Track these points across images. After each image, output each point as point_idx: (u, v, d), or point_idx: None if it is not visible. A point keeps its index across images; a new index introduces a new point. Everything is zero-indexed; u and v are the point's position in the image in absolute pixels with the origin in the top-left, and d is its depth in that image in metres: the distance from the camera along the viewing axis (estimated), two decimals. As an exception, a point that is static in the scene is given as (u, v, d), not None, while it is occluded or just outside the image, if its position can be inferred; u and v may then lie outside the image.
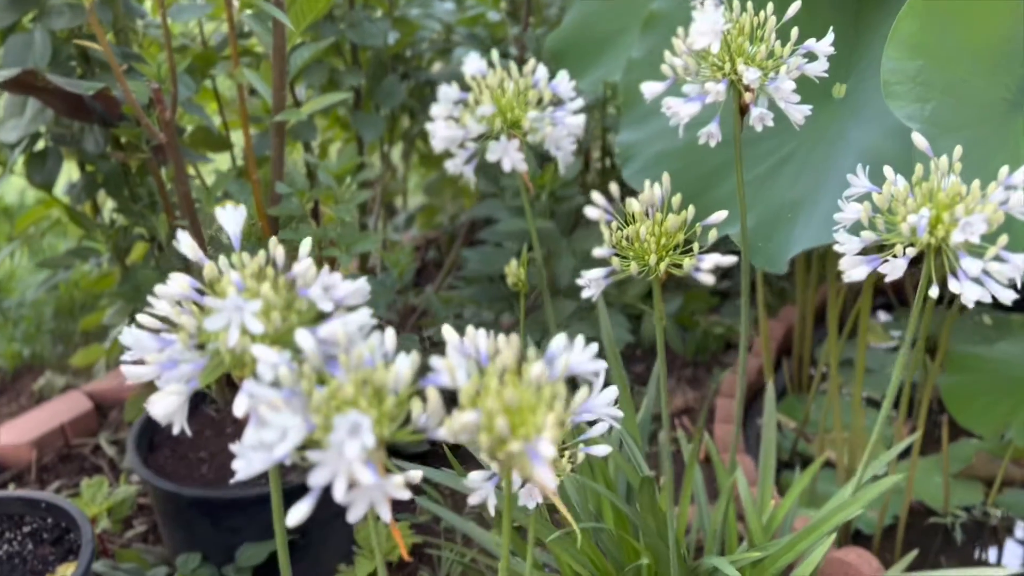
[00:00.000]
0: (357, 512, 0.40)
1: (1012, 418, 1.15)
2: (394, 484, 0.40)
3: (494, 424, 0.40)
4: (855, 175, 0.63)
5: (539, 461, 0.40)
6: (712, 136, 0.66)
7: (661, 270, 0.60)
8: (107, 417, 1.46)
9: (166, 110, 0.89)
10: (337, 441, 0.38)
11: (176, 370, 0.48)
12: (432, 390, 0.43)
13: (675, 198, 0.61)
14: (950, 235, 0.56)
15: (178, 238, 0.50)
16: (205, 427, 1.17)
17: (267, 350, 0.44)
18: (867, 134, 0.79)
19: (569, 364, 0.42)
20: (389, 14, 1.30)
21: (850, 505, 0.73)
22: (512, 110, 0.73)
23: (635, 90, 0.92)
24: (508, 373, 0.42)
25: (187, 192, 0.95)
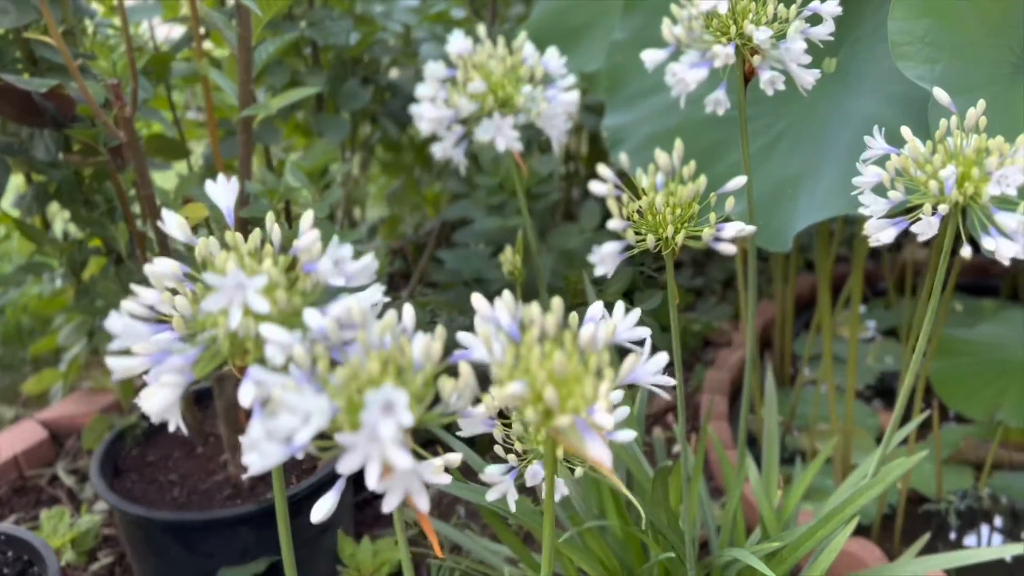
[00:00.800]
0: (393, 501, 0.36)
1: (1002, 398, 1.14)
2: (432, 468, 0.36)
3: (542, 395, 0.36)
4: (872, 137, 0.60)
5: (591, 435, 0.36)
6: (720, 103, 0.63)
7: (679, 242, 0.56)
8: (63, 446, 1.38)
9: (126, 106, 0.84)
10: (370, 420, 0.34)
11: (169, 361, 0.43)
12: (464, 365, 0.39)
13: (688, 167, 0.58)
14: (981, 190, 0.53)
15: (163, 218, 0.45)
16: (173, 448, 1.10)
17: (278, 329, 0.39)
18: (866, 104, 0.77)
19: (615, 330, 0.39)
20: (351, 12, 1.26)
21: (868, 491, 0.70)
22: (504, 87, 0.69)
23: (621, 72, 0.89)
24: (548, 342, 0.38)
25: (151, 195, 0.89)
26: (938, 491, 1.21)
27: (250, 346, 0.42)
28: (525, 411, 0.36)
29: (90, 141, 0.92)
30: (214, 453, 1.08)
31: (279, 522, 0.49)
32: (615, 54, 0.90)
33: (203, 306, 0.40)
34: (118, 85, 0.83)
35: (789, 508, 0.82)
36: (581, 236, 1.22)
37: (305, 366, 0.38)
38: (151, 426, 1.11)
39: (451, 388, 0.38)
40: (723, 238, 0.56)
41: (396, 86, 1.50)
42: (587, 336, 0.36)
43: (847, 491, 0.83)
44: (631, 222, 0.57)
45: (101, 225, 1.01)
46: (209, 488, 1.03)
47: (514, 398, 0.36)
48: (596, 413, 0.35)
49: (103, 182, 1.02)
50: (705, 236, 0.56)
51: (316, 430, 0.35)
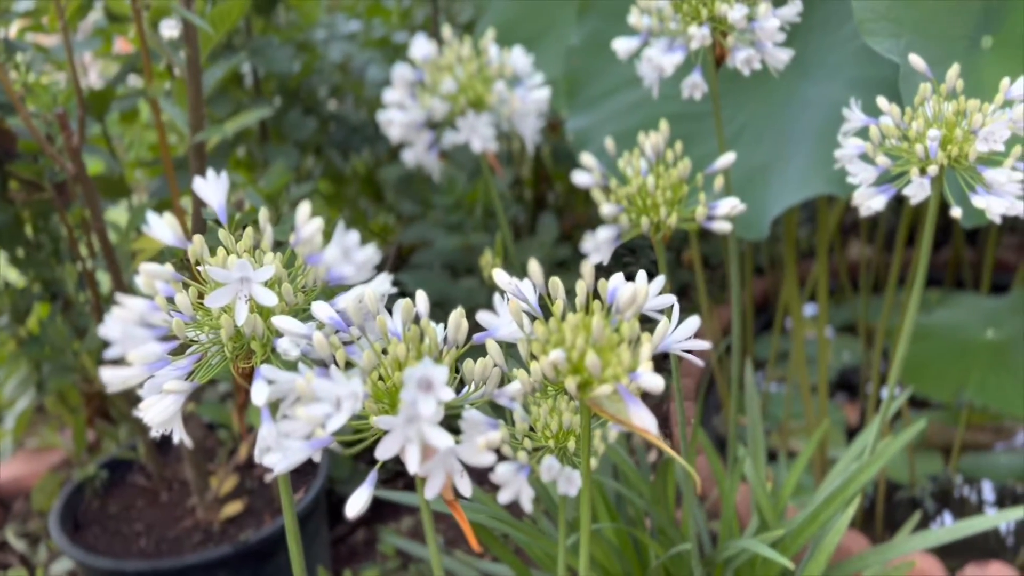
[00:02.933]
0: (435, 486, 0.34)
1: (966, 380, 1.16)
2: (475, 448, 0.34)
3: (581, 365, 0.35)
4: (849, 110, 0.60)
5: (635, 402, 0.35)
6: (697, 86, 0.63)
7: (673, 222, 0.55)
8: (10, 509, 1.31)
9: (73, 136, 0.80)
10: (409, 398, 0.32)
11: (169, 369, 0.40)
12: (492, 343, 0.37)
13: (673, 149, 0.57)
14: (966, 151, 0.54)
15: (149, 221, 0.42)
16: (136, 498, 1.05)
17: (291, 320, 0.37)
18: (827, 89, 0.78)
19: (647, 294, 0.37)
20: (292, 39, 1.24)
21: (868, 468, 0.70)
22: (474, 87, 0.68)
23: (579, 76, 0.89)
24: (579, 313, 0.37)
25: (103, 228, 0.85)
26: (911, 477, 1.22)
27: (256, 347, 0.40)
28: (565, 381, 0.34)
29: (34, 178, 0.88)
30: (180, 499, 1.03)
31: (288, 536, 0.46)
32: (572, 59, 0.90)
33: (207, 303, 0.37)
34: (64, 115, 0.79)
35: (783, 501, 0.81)
36: (541, 249, 1.21)
37: (325, 353, 0.36)
38: (111, 477, 1.05)
39: (479, 369, 0.36)
40: (717, 216, 0.55)
41: (338, 116, 1.48)
42: (626, 297, 0.34)
43: (838, 477, 0.83)
44: (622, 207, 0.56)
45: (47, 266, 0.96)
46: (178, 535, 0.98)
47: (554, 367, 0.34)
48: (642, 377, 0.33)
49: (48, 220, 0.97)
50: (699, 216, 0.56)
51: (348, 416, 0.33)
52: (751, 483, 0.80)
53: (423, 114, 0.67)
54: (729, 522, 0.79)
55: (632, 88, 0.87)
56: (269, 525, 0.95)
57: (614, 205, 0.54)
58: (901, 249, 1.09)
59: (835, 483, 0.80)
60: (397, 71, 0.67)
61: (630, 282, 0.39)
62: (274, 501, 1.01)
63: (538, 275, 0.37)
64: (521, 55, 0.71)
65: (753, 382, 0.92)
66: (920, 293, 0.68)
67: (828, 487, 0.80)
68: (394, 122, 0.68)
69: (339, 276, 0.43)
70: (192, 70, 0.85)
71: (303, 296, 0.42)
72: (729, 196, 0.56)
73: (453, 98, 0.66)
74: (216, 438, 1.09)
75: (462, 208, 1.21)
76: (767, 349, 1.49)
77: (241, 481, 1.04)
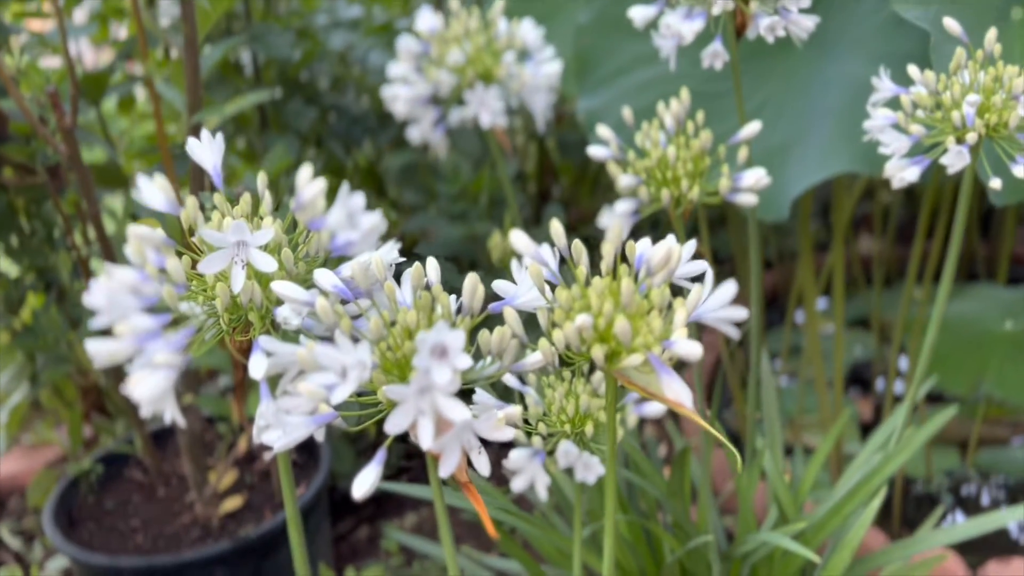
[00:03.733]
0: (450, 463, 0.31)
1: (984, 371, 1.13)
2: (492, 421, 0.31)
3: (608, 332, 0.32)
4: (879, 79, 0.58)
5: (667, 372, 0.32)
6: (718, 56, 0.60)
7: (695, 196, 0.52)
8: (5, 506, 1.28)
9: (65, 116, 0.77)
10: (422, 366, 0.29)
11: (159, 342, 0.37)
12: (510, 311, 0.34)
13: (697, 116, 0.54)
14: (1006, 118, 0.51)
15: (139, 185, 0.39)
16: (132, 493, 1.02)
17: (293, 285, 0.34)
18: (849, 66, 0.75)
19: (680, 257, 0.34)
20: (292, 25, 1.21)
21: (895, 458, 0.67)
22: (482, 60, 0.65)
23: (589, 55, 0.86)
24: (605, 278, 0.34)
25: (98, 214, 0.82)
26: (927, 472, 1.19)
27: (254, 318, 0.37)
28: (592, 350, 0.31)
29: (26, 161, 0.85)
30: (178, 494, 1.00)
31: (290, 525, 0.43)
32: (581, 38, 0.87)
33: (200, 268, 0.34)
34: (56, 93, 0.76)
35: (803, 495, 0.78)
36: (548, 239, 1.18)
37: (330, 321, 0.33)
38: (107, 471, 1.02)
39: (497, 339, 0.33)
40: (742, 188, 0.52)
41: (339, 107, 1.45)
42: (660, 258, 0.31)
43: (859, 470, 0.80)
44: (641, 178, 0.53)
45: (41, 254, 0.93)
46: (176, 531, 0.95)
47: (580, 334, 0.31)
48: (677, 344, 0.30)
49: (41, 207, 0.94)
50: (723, 188, 0.53)
51: (355, 386, 0.30)
52: (770, 476, 0.77)
53: (429, 88, 0.64)
54: (747, 516, 0.76)
55: (645, 66, 0.84)
56: (269, 520, 0.92)
57: (632, 176, 0.51)
58: (922, 240, 1.06)
59: (856, 476, 0.77)
60: (403, 42, 0.64)
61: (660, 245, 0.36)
62: (275, 496, 0.98)
63: (560, 236, 0.34)
64: (531, 28, 0.68)
65: (771, 372, 0.89)
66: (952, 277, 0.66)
67: (850, 479, 0.77)
68: (399, 97, 0.65)
69: (344, 244, 0.40)
70: (190, 49, 0.82)
71: (304, 266, 0.39)
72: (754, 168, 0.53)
73: (461, 70, 0.63)
74: (215, 432, 1.06)
75: (466, 197, 1.18)
76: (777, 343, 1.46)
77: (241, 476, 1.01)
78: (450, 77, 0.62)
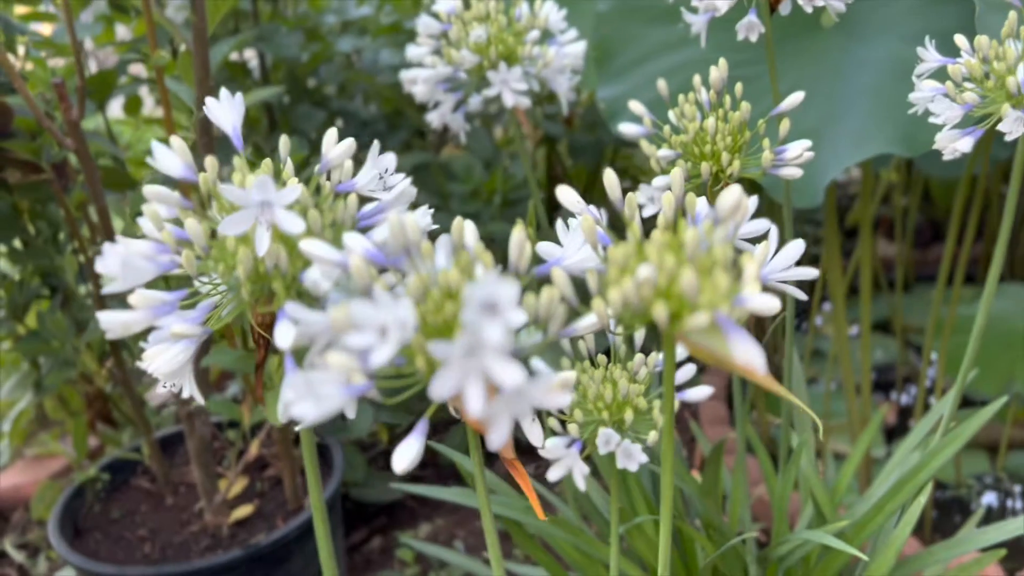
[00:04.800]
0: (501, 433, 0.28)
1: (1015, 371, 1.10)
2: (549, 386, 0.28)
3: (672, 289, 0.29)
4: (925, 48, 0.55)
5: (738, 333, 0.29)
6: (753, 27, 0.57)
7: (736, 169, 0.50)
8: (8, 520, 1.24)
9: (72, 109, 0.75)
10: (471, 322, 0.26)
11: (175, 317, 0.34)
12: (559, 272, 0.31)
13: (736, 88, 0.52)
14: (1065, 84, 0.48)
15: (153, 150, 0.37)
16: (140, 502, 0.99)
17: (324, 245, 0.31)
18: (882, 46, 0.73)
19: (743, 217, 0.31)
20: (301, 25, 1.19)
21: (944, 450, 0.64)
22: (504, 41, 0.63)
23: (609, 44, 0.84)
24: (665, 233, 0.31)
25: (105, 208, 0.80)
26: (957, 477, 1.15)
27: (278, 286, 0.34)
28: (654, 309, 0.29)
29: (31, 157, 0.82)
30: (186, 503, 0.97)
31: (316, 519, 0.40)
32: (601, 26, 0.85)
33: (221, 229, 0.32)
34: (62, 85, 0.74)
35: (839, 495, 0.75)
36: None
37: (365, 282, 0.30)
38: (113, 480, 0.99)
39: (546, 302, 0.31)
40: (786, 161, 0.50)
41: (347, 112, 1.42)
42: (729, 204, 0.28)
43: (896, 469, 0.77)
44: (679, 152, 0.50)
45: (45, 256, 0.91)
46: (184, 540, 0.91)
47: (642, 289, 0.28)
48: (750, 300, 0.27)
49: (46, 207, 0.92)
50: (765, 161, 0.50)
51: (396, 348, 0.27)
52: (805, 476, 0.73)
53: (450, 70, 0.61)
54: (781, 518, 0.73)
55: (667, 53, 0.81)
56: (281, 528, 0.89)
57: (670, 150, 0.49)
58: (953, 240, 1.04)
59: (894, 475, 0.73)
60: (422, 21, 0.62)
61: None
62: (286, 503, 0.95)
63: (615, 188, 0.31)
64: (554, 9, 0.65)
65: (802, 374, 0.86)
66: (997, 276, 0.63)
67: (887, 479, 0.74)
68: (419, 79, 0.62)
69: (373, 213, 0.37)
70: (199, 41, 0.79)
71: (331, 233, 0.36)
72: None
73: (483, 49, 0.61)
74: (224, 439, 1.03)
75: (479, 197, 1.16)
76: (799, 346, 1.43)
77: (251, 483, 0.98)
78: (472, 57, 0.60)
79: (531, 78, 0.64)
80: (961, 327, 1.16)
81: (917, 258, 1.75)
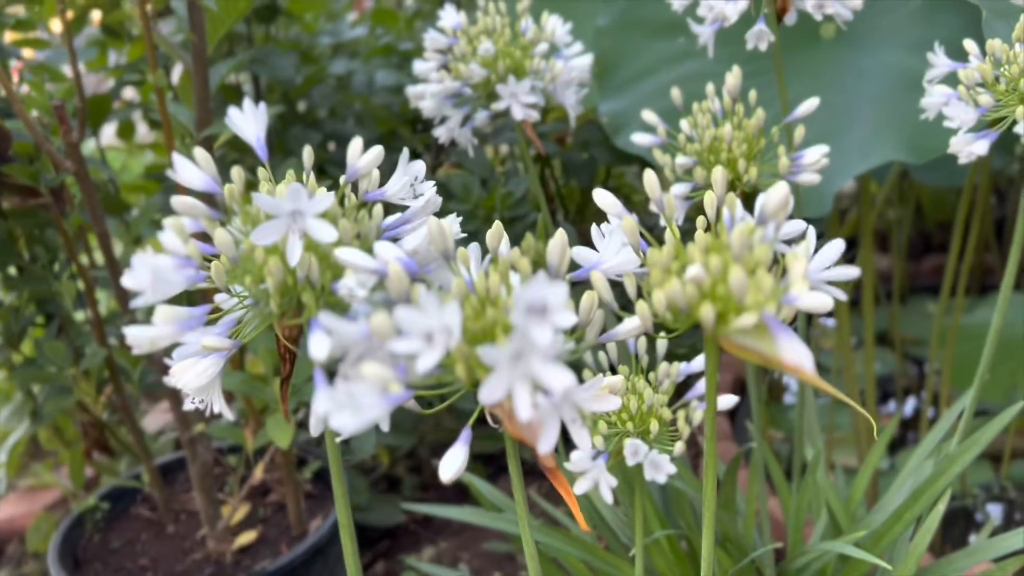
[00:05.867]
0: (550, 438, 0.27)
1: (1018, 379, 1.10)
2: (595, 389, 0.27)
3: (717, 291, 0.28)
4: (933, 55, 0.55)
5: (785, 333, 0.28)
6: (763, 36, 0.57)
7: (753, 176, 0.49)
8: (3, 553, 1.22)
9: (72, 131, 0.74)
10: (520, 324, 0.25)
11: (201, 331, 0.33)
12: (599, 276, 0.31)
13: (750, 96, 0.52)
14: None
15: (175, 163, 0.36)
16: (140, 531, 0.97)
17: (358, 253, 0.31)
18: (885, 56, 0.73)
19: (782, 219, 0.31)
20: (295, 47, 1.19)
21: (961, 456, 0.63)
22: (511, 55, 0.62)
23: (610, 58, 0.84)
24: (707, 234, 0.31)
25: (105, 232, 0.79)
26: (962, 487, 1.15)
27: (308, 298, 0.33)
28: (701, 310, 0.28)
29: (29, 182, 0.81)
30: (188, 531, 0.96)
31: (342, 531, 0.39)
32: (602, 40, 0.85)
33: (252, 238, 0.31)
34: (62, 107, 0.73)
35: (854, 505, 0.75)
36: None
37: (403, 289, 0.29)
38: (113, 509, 0.97)
39: (586, 306, 0.30)
40: (804, 167, 0.49)
41: (340, 135, 1.42)
42: (777, 201, 0.28)
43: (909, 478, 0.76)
44: (697, 159, 0.50)
45: (43, 281, 0.90)
46: (187, 569, 0.90)
47: (690, 290, 0.28)
48: (800, 299, 0.27)
49: (44, 232, 0.90)
50: (782, 167, 0.50)
51: (442, 353, 0.27)
52: (818, 488, 0.73)
53: (458, 85, 0.61)
54: (797, 531, 0.73)
55: (669, 67, 0.82)
56: (286, 555, 0.87)
57: (688, 157, 0.48)
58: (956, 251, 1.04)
59: (908, 484, 0.73)
60: (429, 36, 0.62)
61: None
62: (290, 529, 0.94)
63: (655, 188, 0.30)
64: (559, 22, 0.65)
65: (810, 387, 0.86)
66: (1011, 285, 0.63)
67: (901, 488, 0.73)
68: (427, 94, 0.62)
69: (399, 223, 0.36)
70: (199, 61, 0.79)
71: (358, 243, 0.35)
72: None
73: (490, 63, 0.61)
74: (225, 464, 1.02)
75: (478, 217, 1.15)
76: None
77: (253, 509, 0.96)
78: (481, 71, 0.59)
79: (537, 92, 0.64)
80: (963, 336, 1.16)
81: (911, 270, 1.76)
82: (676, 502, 0.76)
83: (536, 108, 0.61)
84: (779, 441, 1.28)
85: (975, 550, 0.74)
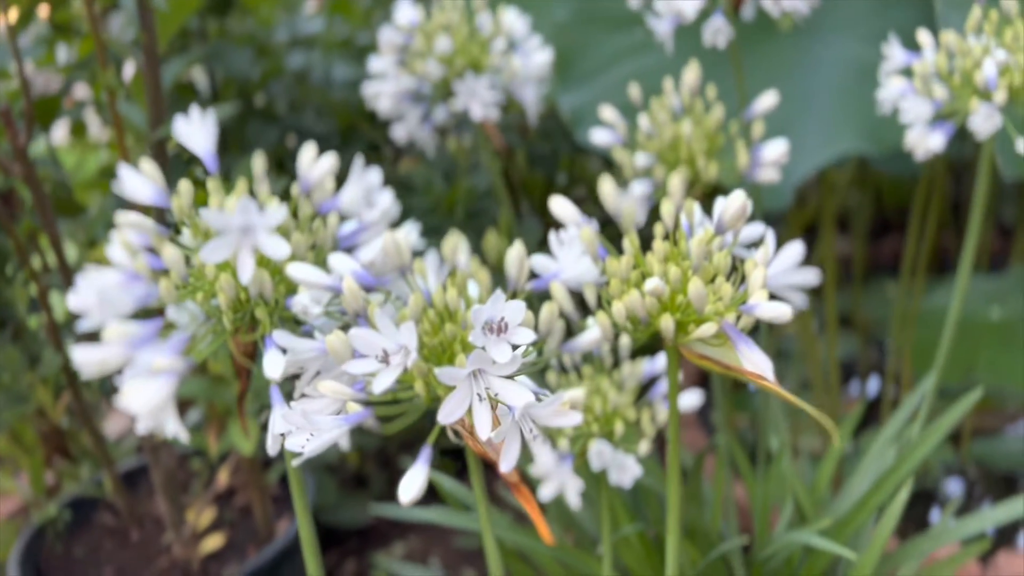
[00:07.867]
0: (511, 455, 0.27)
1: (974, 359, 1.11)
2: (555, 406, 0.27)
3: (675, 301, 0.28)
4: (889, 46, 0.55)
5: (745, 342, 0.28)
6: (720, 31, 0.57)
7: (712, 174, 0.49)
8: (-37, 564, 1.19)
9: (19, 135, 0.72)
10: (479, 342, 0.25)
11: (152, 349, 0.32)
12: (558, 287, 0.30)
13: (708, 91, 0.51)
14: (1031, 77, 0.49)
15: (121, 175, 0.35)
16: (103, 539, 0.95)
17: (311, 269, 0.30)
18: (841, 46, 0.74)
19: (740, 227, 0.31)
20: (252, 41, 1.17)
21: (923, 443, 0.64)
22: (468, 51, 0.62)
23: (570, 51, 0.84)
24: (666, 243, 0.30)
25: (57, 236, 0.77)
26: (924, 466, 1.17)
27: (261, 314, 0.33)
28: (660, 321, 0.28)
29: (-24, 186, 0.79)
30: (153, 536, 0.94)
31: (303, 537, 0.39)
32: (560, 35, 0.84)
33: (202, 255, 0.30)
34: (8, 111, 0.71)
35: (819, 492, 0.75)
36: (527, 251, 1.15)
37: (357, 306, 0.29)
38: (75, 517, 0.96)
39: (546, 317, 0.30)
40: (764, 163, 0.49)
41: (300, 128, 1.40)
42: (735, 210, 0.28)
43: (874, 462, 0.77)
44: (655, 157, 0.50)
45: (-5, 288, 0.87)
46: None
47: (647, 302, 0.27)
48: (759, 308, 0.27)
49: (-8, 237, 0.88)
50: (741, 164, 0.50)
51: (399, 372, 0.26)
52: (786, 476, 0.73)
53: (414, 82, 0.60)
54: (764, 520, 0.73)
55: (629, 59, 0.81)
56: (254, 559, 0.86)
57: (647, 155, 0.48)
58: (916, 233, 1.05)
59: (872, 469, 0.74)
60: (384, 34, 0.61)
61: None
62: (257, 532, 0.93)
63: (612, 197, 0.30)
64: (517, 17, 0.65)
65: (770, 370, 0.86)
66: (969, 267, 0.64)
67: (866, 474, 0.74)
68: (382, 93, 0.61)
69: (354, 231, 0.36)
70: (150, 60, 0.77)
71: (312, 256, 0.35)
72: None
73: (449, 60, 0.60)
74: (188, 468, 1.00)
75: (440, 211, 1.15)
76: (760, 346, 1.44)
77: (220, 513, 0.95)
78: (438, 68, 0.59)
79: (497, 88, 0.63)
80: (922, 318, 1.17)
81: (870, 252, 1.78)
82: (644, 495, 0.77)
83: (496, 106, 0.61)
84: (745, 427, 1.29)
85: (937, 533, 0.75)
